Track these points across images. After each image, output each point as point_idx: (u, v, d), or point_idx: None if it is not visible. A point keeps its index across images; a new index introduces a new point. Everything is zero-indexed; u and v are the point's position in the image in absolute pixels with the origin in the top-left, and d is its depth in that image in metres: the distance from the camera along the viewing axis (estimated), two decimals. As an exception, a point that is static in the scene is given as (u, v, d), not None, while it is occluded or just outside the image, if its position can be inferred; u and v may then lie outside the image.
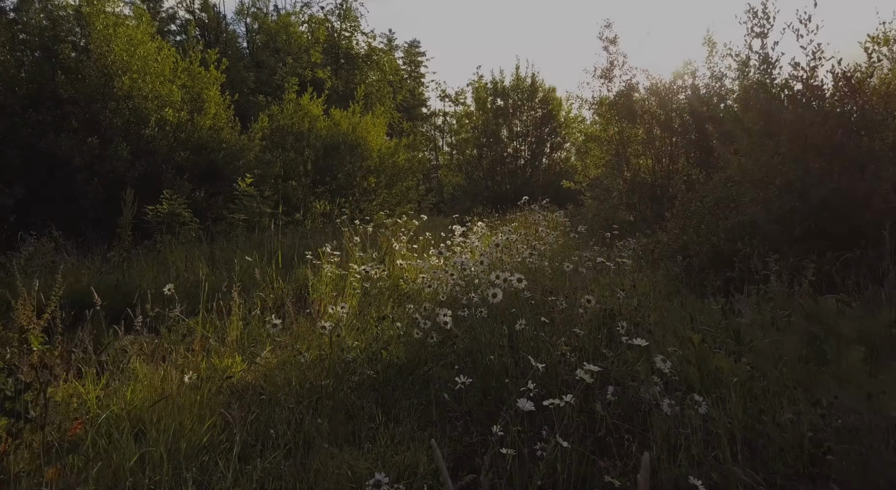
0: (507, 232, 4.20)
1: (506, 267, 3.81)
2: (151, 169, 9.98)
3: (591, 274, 4.10)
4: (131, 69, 9.97)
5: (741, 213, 4.46)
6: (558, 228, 5.90)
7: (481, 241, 5.02)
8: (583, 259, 4.39)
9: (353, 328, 2.87)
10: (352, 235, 5.31)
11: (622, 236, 6.37)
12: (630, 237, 6.66)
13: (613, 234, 6.22)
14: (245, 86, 18.89)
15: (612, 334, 2.82)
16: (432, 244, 5.85)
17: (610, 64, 10.00)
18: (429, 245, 5.82)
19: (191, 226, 8.52)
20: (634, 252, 5.12)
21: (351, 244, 5.29)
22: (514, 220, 7.79)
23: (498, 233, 6.08)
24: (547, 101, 20.23)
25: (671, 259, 4.82)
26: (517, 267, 3.78)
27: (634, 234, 7.62)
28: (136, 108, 10.11)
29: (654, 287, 4.16)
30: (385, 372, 2.46)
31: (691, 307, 3.40)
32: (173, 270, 4.84)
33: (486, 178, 19.85)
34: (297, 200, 14.33)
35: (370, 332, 2.71)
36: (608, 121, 10.18)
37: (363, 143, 15.82)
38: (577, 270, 3.85)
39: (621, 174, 9.54)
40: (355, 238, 5.19)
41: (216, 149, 11.45)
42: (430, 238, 6.28)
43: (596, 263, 4.57)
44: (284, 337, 2.53)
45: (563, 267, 3.66)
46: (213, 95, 11.50)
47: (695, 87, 9.77)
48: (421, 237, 6.00)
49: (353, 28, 28.86)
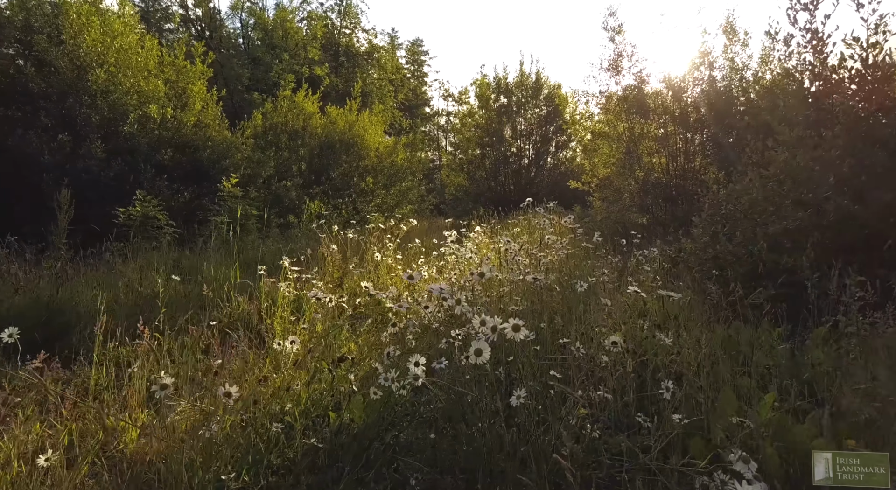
0: (506, 241, 3.51)
1: (504, 288, 3.12)
2: (129, 169, 9.33)
3: (608, 291, 3.41)
4: (108, 62, 9.32)
5: (785, 217, 3.75)
6: (566, 235, 5.20)
7: (478, 251, 4.33)
8: (598, 275, 3.70)
9: (304, 371, 2.19)
10: (329, 243, 4.63)
11: (638, 243, 5.66)
12: (648, 244, 5.96)
13: (631, 240, 5.52)
14: (239, 83, 18.26)
15: (645, 382, 2.13)
16: (422, 252, 5.16)
17: (617, 55, 9.30)
18: (419, 254, 5.13)
19: (166, 230, 7.86)
20: (656, 262, 4.41)
21: (328, 253, 4.61)
22: (517, 224, 7.09)
23: (499, 239, 5.37)
24: (552, 98, 19.51)
25: (701, 272, 4.11)
26: (516, 288, 3.09)
27: (651, 239, 6.92)
28: (115, 103, 9.46)
29: (686, 308, 3.46)
30: (335, 440, 1.79)
31: (740, 341, 2.69)
32: (121, 284, 4.17)
33: (488, 178, 19.14)
34: (290, 202, 13.68)
35: (321, 382, 2.03)
36: (617, 116, 9.47)
37: (360, 141, 15.14)
38: (593, 291, 3.16)
39: (632, 173, 8.83)
40: (332, 247, 4.51)
41: (202, 147, 10.80)
42: (421, 245, 5.60)
43: (612, 278, 3.86)
44: (185, 402, 1.84)
45: (576, 286, 2.96)
46: (198, 91, 10.85)
47: (712, 79, 9.05)
48: (411, 244, 5.32)
49: (353, 25, 28.23)
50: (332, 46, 27.06)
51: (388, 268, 4.66)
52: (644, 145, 9.15)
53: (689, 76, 9.15)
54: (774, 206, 4.00)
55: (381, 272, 4.58)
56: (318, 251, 4.60)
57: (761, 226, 3.94)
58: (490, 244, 4.76)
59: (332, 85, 23.55)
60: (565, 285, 3.44)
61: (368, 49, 29.35)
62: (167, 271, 5.03)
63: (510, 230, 6.36)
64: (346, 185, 15.02)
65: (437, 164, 32.14)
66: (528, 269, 3.54)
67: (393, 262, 4.74)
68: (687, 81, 9.13)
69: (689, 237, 5.39)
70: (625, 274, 4.06)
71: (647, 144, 8.87)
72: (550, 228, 5.78)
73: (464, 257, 3.91)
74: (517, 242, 5.01)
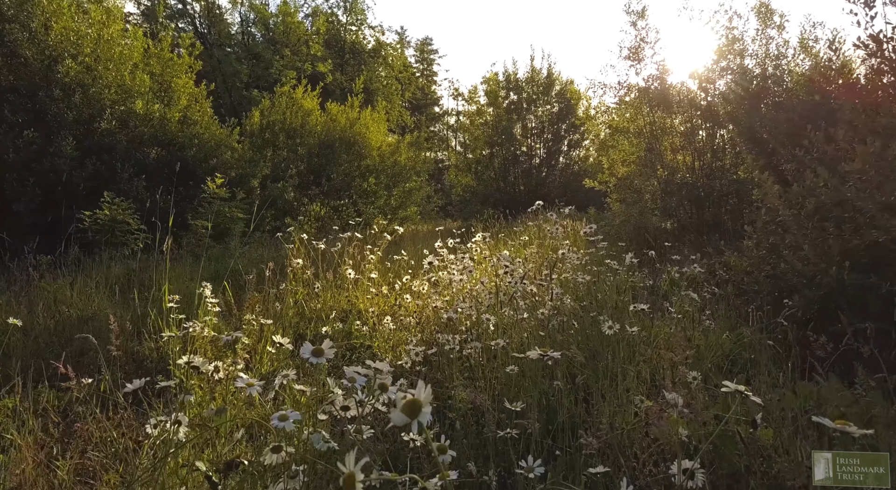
0: (505, 264, 2.67)
1: (505, 329, 2.29)
2: (105, 168, 8.63)
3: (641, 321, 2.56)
4: (83, 52, 8.61)
5: (876, 226, 2.87)
6: (583, 246, 4.37)
7: (475, 269, 3.51)
8: (625, 300, 2.85)
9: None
10: (293, 256, 3.82)
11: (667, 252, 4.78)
12: (677, 253, 5.09)
13: (659, 250, 4.65)
14: (238, 79, 17.58)
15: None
16: (411, 266, 4.35)
17: (639, 42, 8.40)
18: (407, 266, 4.31)
19: (137, 235, 7.13)
20: (697, 281, 3.55)
21: (296, 265, 3.80)
22: (526, 231, 6.24)
23: (502, 250, 4.55)
24: (564, 94, 18.58)
25: (756, 295, 3.25)
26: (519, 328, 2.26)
27: (679, 247, 6.05)
28: (91, 98, 8.76)
29: (747, 348, 2.61)
30: None
31: (846, 413, 1.84)
32: (39, 306, 3.39)
33: (497, 178, 18.28)
34: (287, 204, 12.94)
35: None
36: (637, 109, 8.59)
37: (361, 139, 14.35)
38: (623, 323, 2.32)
39: (654, 173, 7.94)
40: (297, 261, 3.70)
41: (188, 145, 10.07)
42: (414, 254, 4.79)
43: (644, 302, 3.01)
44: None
45: (602, 327, 2.13)
46: (183, 84, 10.11)
47: (743, 68, 8.13)
48: (405, 251, 4.50)
49: (359, 22, 27.51)
50: (337, 43, 26.37)
51: (369, 284, 3.84)
52: (666, 141, 8.26)
53: (717, 65, 8.24)
54: (856, 211, 3.12)
55: (359, 291, 3.77)
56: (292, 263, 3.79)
57: (835, 238, 3.07)
58: (492, 256, 3.93)
59: (337, 83, 22.84)
60: (585, 317, 2.60)
61: (375, 46, 28.63)
62: (108, 287, 4.26)
63: (517, 238, 5.53)
64: (346, 185, 14.24)
65: (447, 165, 31.33)
66: (535, 296, 2.71)
67: (377, 277, 3.92)
68: (715, 70, 8.23)
69: (731, 248, 4.53)
70: (657, 298, 3.21)
71: (671, 140, 7.97)
72: (565, 240, 4.93)
73: (458, 277, 3.10)
74: (523, 255, 4.18)
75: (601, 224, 8.94)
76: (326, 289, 3.84)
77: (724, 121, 8.09)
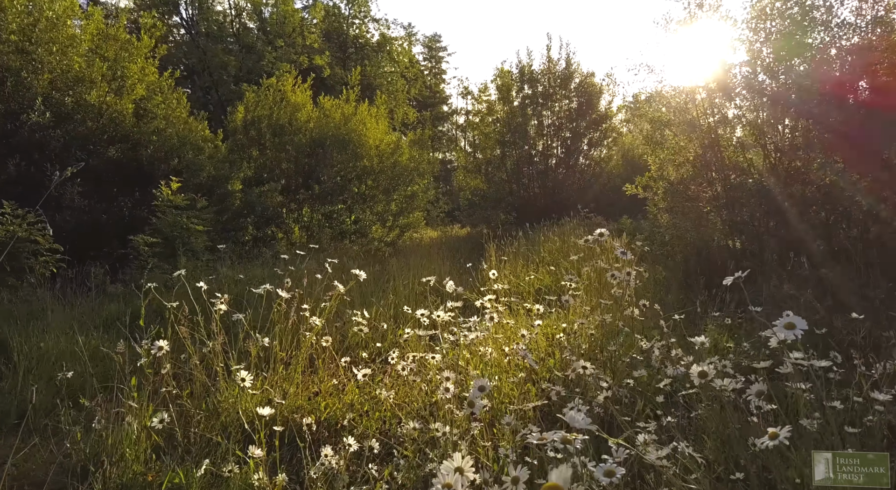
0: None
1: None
2: (34, 170, 7.05)
3: None
4: (5, 30, 7.04)
5: None
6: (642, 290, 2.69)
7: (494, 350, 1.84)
8: None
9: None
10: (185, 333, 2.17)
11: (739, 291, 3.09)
12: (758, 293, 3.41)
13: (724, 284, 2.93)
14: (225, 72, 15.99)
15: None
16: (402, 336, 2.68)
17: (694, 9, 6.66)
18: (387, 331, 2.64)
19: (48, 258, 5.51)
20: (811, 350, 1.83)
21: (183, 331, 2.15)
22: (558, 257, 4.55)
23: (530, 319, 2.89)
24: (584, 87, 16.75)
25: None
26: None
27: (759, 281, 4.34)
28: (17, 86, 7.19)
29: None
30: None
31: None
32: None
33: (510, 180, 16.53)
34: (272, 211, 11.31)
35: None
36: (689, 95, 6.83)
37: (357, 137, 12.65)
38: None
39: (718, 176, 6.19)
40: (220, 306, 2.08)
41: (144, 143, 8.47)
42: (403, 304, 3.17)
43: None
44: None
45: None
46: (137, 71, 8.50)
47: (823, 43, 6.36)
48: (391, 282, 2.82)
49: (363, 14, 25.88)
50: (339, 37, 24.77)
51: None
52: (727, 136, 6.50)
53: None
54: None
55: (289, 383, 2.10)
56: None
57: None
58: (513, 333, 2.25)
59: (337, 78, 21.18)
60: None
61: (380, 40, 26.98)
62: None
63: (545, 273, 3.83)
64: (340, 189, 12.58)
65: (455, 166, 29.62)
66: None
67: (329, 346, 2.25)
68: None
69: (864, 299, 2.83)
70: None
71: (740, 135, 6.22)
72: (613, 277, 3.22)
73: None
74: (572, 325, 2.50)
75: (642, 235, 7.20)
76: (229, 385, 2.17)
77: (797, 112, 6.32)
